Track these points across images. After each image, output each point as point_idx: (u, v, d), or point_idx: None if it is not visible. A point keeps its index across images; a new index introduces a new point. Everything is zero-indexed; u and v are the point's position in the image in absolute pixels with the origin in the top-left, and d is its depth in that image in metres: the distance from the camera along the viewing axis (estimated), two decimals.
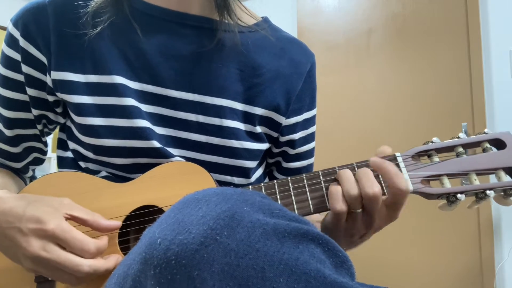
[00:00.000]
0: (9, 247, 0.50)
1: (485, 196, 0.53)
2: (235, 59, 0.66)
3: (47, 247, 0.48)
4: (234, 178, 0.67)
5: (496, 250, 1.97)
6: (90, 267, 0.49)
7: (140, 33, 0.62)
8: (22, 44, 0.61)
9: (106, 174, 0.63)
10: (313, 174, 0.57)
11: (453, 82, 2.15)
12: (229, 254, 0.31)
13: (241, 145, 0.65)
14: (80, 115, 0.61)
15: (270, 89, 0.68)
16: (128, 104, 0.61)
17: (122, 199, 0.58)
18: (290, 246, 0.33)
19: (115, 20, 0.62)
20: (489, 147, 0.55)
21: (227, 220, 0.33)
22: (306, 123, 0.74)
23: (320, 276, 0.32)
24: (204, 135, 0.64)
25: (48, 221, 0.48)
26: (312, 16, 2.55)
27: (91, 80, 0.61)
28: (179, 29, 0.64)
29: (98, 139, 0.60)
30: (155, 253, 0.31)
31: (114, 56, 0.62)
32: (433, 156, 0.57)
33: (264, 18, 0.74)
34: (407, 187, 0.52)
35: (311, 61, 0.74)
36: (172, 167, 0.59)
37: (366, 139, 2.29)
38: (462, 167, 0.55)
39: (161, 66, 0.63)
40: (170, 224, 0.33)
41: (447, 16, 2.20)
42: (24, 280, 0.55)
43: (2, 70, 0.64)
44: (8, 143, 0.67)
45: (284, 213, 0.37)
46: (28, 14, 0.61)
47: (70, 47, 0.61)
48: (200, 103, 0.64)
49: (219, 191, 0.37)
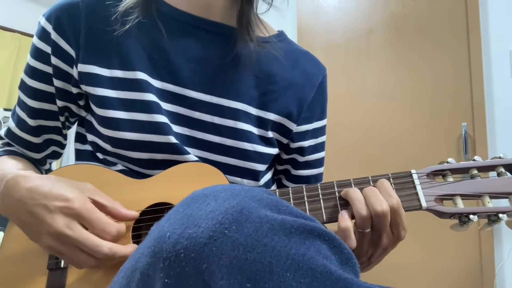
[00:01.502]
0: (32, 223, 0.51)
1: (497, 219, 0.54)
2: (251, 66, 0.70)
3: (71, 225, 0.49)
4: (244, 180, 0.69)
5: (496, 250, 1.97)
6: (110, 250, 0.50)
7: (165, 34, 0.65)
8: (53, 37, 0.64)
9: (122, 168, 0.65)
10: (328, 184, 0.58)
11: (453, 82, 2.16)
12: (237, 248, 0.32)
13: (253, 148, 0.67)
14: (103, 107, 0.63)
15: (283, 97, 0.71)
16: (149, 100, 0.63)
17: (138, 195, 0.59)
18: (297, 241, 0.34)
19: (142, 20, 0.65)
20: (504, 172, 0.57)
21: (236, 215, 0.33)
22: (316, 132, 0.77)
23: (326, 271, 0.33)
24: (218, 136, 0.66)
25: (75, 200, 0.50)
26: (312, 16, 2.55)
27: (115, 75, 0.64)
28: (202, 34, 0.68)
29: (118, 131, 0.62)
30: (164, 247, 0.32)
31: (139, 54, 0.65)
32: (448, 176, 0.58)
33: (280, 32, 0.78)
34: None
35: (323, 74, 0.78)
36: (188, 167, 0.61)
37: (366, 139, 2.30)
38: (476, 189, 0.56)
39: (182, 67, 0.65)
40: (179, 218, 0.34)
41: (447, 16, 2.21)
42: (36, 268, 0.56)
43: (31, 62, 0.67)
44: (30, 133, 0.70)
45: (291, 210, 0.37)
46: (62, 10, 0.65)
47: (99, 42, 0.64)
48: (216, 105, 0.66)
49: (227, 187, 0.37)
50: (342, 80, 2.40)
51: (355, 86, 2.38)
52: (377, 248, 0.56)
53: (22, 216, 0.51)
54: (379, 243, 0.55)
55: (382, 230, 0.54)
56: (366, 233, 0.54)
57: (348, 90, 2.38)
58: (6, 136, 0.72)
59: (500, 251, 1.96)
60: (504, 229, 1.98)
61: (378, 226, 0.54)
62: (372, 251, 0.57)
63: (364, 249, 0.56)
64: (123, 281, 0.35)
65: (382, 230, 0.54)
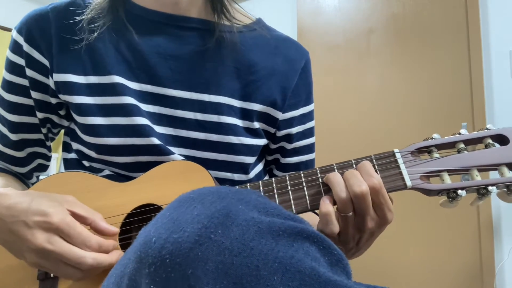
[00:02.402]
0: (14, 241, 0.50)
1: (487, 192, 0.52)
2: (230, 57, 0.68)
3: (51, 240, 0.49)
4: (234, 174, 0.68)
5: (496, 250, 1.97)
6: (94, 260, 0.50)
7: (136, 35, 0.64)
8: (26, 49, 0.63)
9: (109, 173, 0.65)
10: (311, 172, 0.57)
11: (453, 82, 2.15)
12: (223, 252, 0.31)
13: (239, 140, 0.66)
14: (82, 115, 0.62)
15: (266, 86, 0.69)
16: (127, 103, 0.62)
17: (124, 198, 0.59)
18: (285, 244, 0.33)
19: (111, 25, 0.64)
20: (492, 143, 0.54)
21: (221, 218, 0.33)
22: (303, 118, 0.75)
23: (314, 274, 0.32)
24: (202, 132, 0.65)
25: (53, 214, 0.49)
26: (312, 16, 2.55)
27: (91, 81, 0.63)
28: (175, 31, 0.66)
29: (100, 138, 0.62)
30: (150, 252, 0.31)
31: (113, 57, 0.64)
32: (433, 153, 0.56)
33: (258, 19, 0.75)
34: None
35: (306, 58, 0.75)
36: (171, 166, 0.60)
37: (366, 139, 2.29)
38: (463, 163, 0.54)
39: (158, 66, 0.64)
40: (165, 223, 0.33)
41: (447, 16, 2.20)
42: (27, 278, 0.56)
43: (7, 76, 0.66)
44: (12, 147, 0.69)
45: (279, 211, 0.37)
46: (32, 21, 0.64)
47: (71, 50, 0.63)
48: (197, 101, 0.65)
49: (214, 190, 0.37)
50: (342, 80, 2.39)
51: (355, 85, 2.37)
52: (362, 233, 0.54)
53: (3, 234, 0.51)
54: (364, 226, 0.53)
55: (365, 213, 0.52)
56: (349, 216, 0.52)
57: (348, 89, 2.38)
58: None
59: (500, 251, 1.96)
60: (504, 229, 1.97)
61: (360, 208, 0.52)
62: (358, 236, 0.54)
63: (350, 234, 0.54)
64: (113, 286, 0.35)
65: (365, 213, 0.52)
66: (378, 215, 0.53)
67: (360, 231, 0.54)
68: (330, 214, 0.52)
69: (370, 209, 0.52)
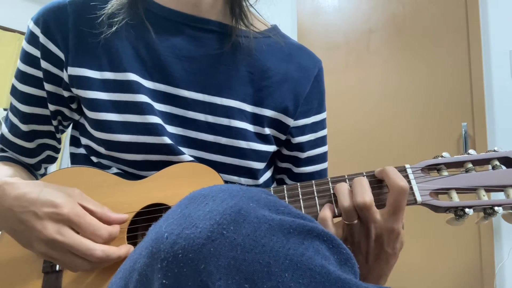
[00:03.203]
0: (22, 231, 0.51)
1: (493, 212, 0.54)
2: (245, 62, 0.69)
3: (62, 231, 0.49)
4: (241, 178, 0.68)
5: (496, 250, 1.97)
6: (103, 252, 0.50)
7: (153, 34, 0.64)
8: (42, 41, 0.64)
9: (117, 171, 0.64)
10: (323, 181, 0.57)
11: (453, 82, 2.16)
12: (235, 248, 0.31)
13: (248, 145, 0.66)
14: (94, 110, 0.62)
15: (278, 92, 0.70)
16: (141, 101, 0.62)
17: (133, 196, 0.59)
18: (295, 242, 0.34)
19: (130, 21, 0.64)
20: (499, 165, 0.56)
21: (234, 215, 0.33)
22: (315, 126, 0.76)
23: (325, 272, 0.32)
24: (212, 134, 0.65)
25: (63, 205, 0.50)
26: (312, 16, 2.55)
27: (106, 77, 0.63)
28: (193, 32, 0.67)
29: (111, 134, 0.62)
30: (162, 247, 0.31)
31: (129, 55, 0.64)
32: (443, 170, 0.57)
33: (273, 26, 0.76)
34: (406, 184, 0.52)
35: (319, 67, 0.76)
36: (183, 167, 0.61)
37: (366, 139, 2.30)
38: (471, 182, 0.55)
39: (174, 66, 0.65)
40: (177, 219, 0.33)
41: (447, 16, 2.20)
42: (31, 272, 0.56)
43: (21, 66, 0.66)
44: (23, 138, 0.69)
45: (289, 210, 0.37)
46: (49, 13, 0.64)
47: (87, 44, 0.63)
48: (209, 103, 0.65)
49: (225, 188, 0.37)
50: (342, 80, 2.40)
51: (355, 86, 2.38)
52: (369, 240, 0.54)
53: (12, 224, 0.51)
54: (369, 235, 0.53)
55: (368, 221, 0.52)
56: (354, 225, 0.53)
57: (348, 90, 2.38)
58: (0, 142, 0.71)
59: (500, 251, 1.96)
60: (504, 229, 1.97)
61: (364, 217, 0.52)
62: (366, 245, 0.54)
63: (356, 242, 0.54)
64: (121, 282, 0.35)
65: (368, 221, 0.52)
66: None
67: (367, 239, 0.54)
68: (327, 219, 0.53)
69: (375, 216, 0.52)
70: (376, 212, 0.52)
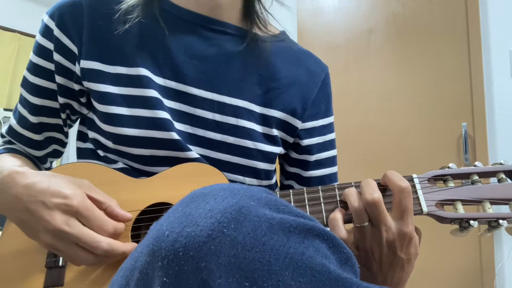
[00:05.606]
0: (29, 220, 0.51)
1: (498, 225, 0.54)
2: (255, 63, 0.70)
3: (69, 222, 0.49)
4: (246, 178, 0.68)
5: (496, 250, 1.97)
6: (109, 245, 0.50)
7: (167, 32, 0.66)
8: (56, 34, 0.65)
9: (122, 166, 0.65)
10: (329, 187, 0.57)
11: (453, 82, 2.16)
12: (236, 246, 0.31)
13: (254, 145, 0.67)
14: (105, 103, 0.63)
15: (287, 93, 0.71)
16: (151, 96, 0.63)
17: (138, 195, 0.59)
18: (296, 241, 0.34)
19: (144, 18, 0.65)
20: (505, 178, 0.56)
21: (234, 213, 0.33)
22: (323, 129, 0.77)
23: (325, 271, 0.32)
24: (219, 133, 0.66)
25: (73, 197, 0.50)
26: (312, 16, 2.55)
27: (118, 71, 0.64)
28: (208, 33, 0.68)
29: (120, 127, 0.62)
30: (163, 245, 0.32)
31: (142, 51, 0.65)
32: (449, 182, 0.58)
33: (282, 31, 0.79)
34: (407, 184, 0.52)
35: (326, 72, 0.79)
36: (187, 167, 0.61)
37: (366, 139, 2.30)
38: (477, 194, 0.55)
39: (185, 64, 0.66)
40: (178, 217, 0.34)
41: (447, 16, 2.20)
42: (34, 266, 0.56)
43: (34, 59, 0.67)
44: (31, 130, 0.70)
45: (290, 209, 0.37)
46: (65, 7, 0.65)
47: (101, 39, 0.65)
48: (218, 102, 0.66)
49: (226, 186, 0.37)
50: (342, 80, 2.39)
51: (355, 86, 2.38)
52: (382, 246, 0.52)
53: (19, 213, 0.51)
54: (381, 238, 0.51)
55: (379, 222, 0.51)
56: (365, 227, 0.52)
57: (348, 90, 2.38)
58: (8, 133, 0.72)
59: (500, 251, 1.96)
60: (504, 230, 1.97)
61: (374, 217, 0.51)
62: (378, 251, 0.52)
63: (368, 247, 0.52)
64: (122, 280, 0.35)
65: (379, 222, 0.51)
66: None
67: (379, 243, 0.52)
68: (337, 220, 0.53)
69: (385, 217, 0.51)
70: (386, 213, 0.52)
